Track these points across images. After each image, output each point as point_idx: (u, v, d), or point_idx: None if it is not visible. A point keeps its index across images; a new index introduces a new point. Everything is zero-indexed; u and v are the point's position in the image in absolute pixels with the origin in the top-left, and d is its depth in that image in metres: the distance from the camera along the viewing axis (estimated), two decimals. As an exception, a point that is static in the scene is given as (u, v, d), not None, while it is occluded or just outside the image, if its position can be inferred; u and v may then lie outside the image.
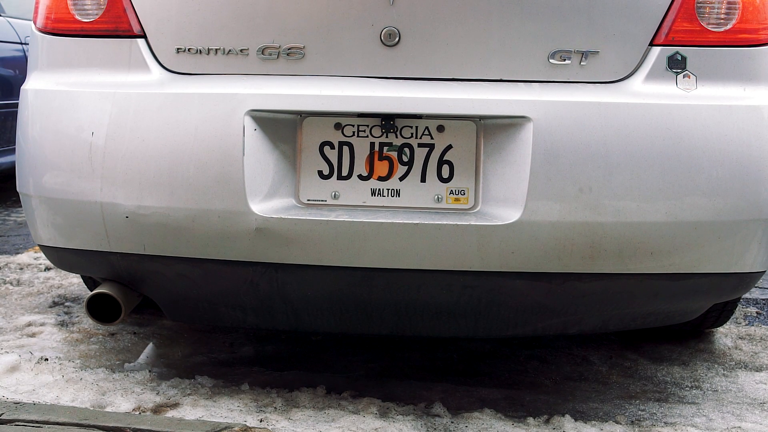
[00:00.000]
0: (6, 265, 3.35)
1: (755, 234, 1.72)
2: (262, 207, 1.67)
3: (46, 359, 2.27)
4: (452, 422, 1.92)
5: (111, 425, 1.78)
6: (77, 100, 1.78)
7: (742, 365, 2.44)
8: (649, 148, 1.64)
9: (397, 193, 1.72)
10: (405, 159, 1.72)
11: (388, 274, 1.70)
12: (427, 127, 1.71)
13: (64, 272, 3.28)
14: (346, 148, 1.71)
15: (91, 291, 1.96)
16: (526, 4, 1.66)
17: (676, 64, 1.69)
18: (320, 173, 1.72)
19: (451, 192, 1.71)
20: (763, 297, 3.07)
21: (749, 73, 1.71)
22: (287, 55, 1.71)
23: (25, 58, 4.55)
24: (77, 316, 2.81)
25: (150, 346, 2.41)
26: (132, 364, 2.35)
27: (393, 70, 1.70)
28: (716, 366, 2.43)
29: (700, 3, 1.69)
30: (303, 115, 1.71)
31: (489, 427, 1.91)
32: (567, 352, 2.55)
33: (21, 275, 3.24)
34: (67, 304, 2.95)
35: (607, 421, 1.98)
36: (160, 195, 1.69)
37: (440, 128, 1.71)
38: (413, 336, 2.38)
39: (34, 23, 1.89)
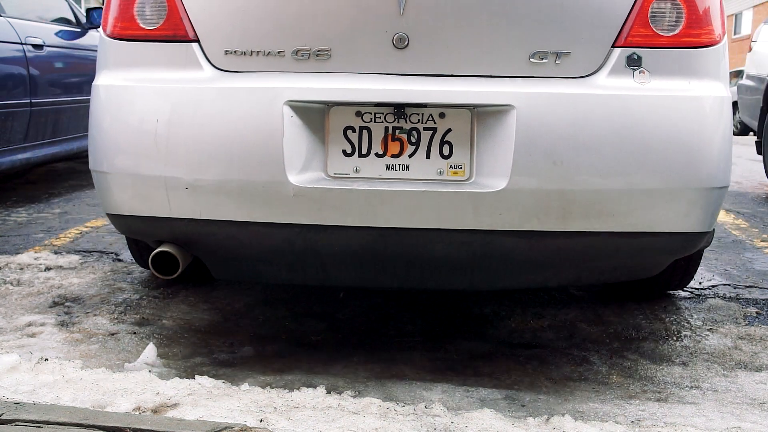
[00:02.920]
0: (6, 265, 3.35)
1: (696, 200, 2.07)
2: (298, 178, 2.03)
3: (46, 359, 2.27)
4: (452, 422, 1.92)
5: (111, 425, 1.78)
6: (142, 93, 2.13)
7: (742, 365, 2.44)
8: (609, 130, 1.99)
9: (407, 167, 2.07)
10: (413, 140, 2.07)
11: (400, 232, 2.06)
12: (431, 114, 2.06)
13: (64, 272, 3.28)
14: (365, 132, 2.08)
15: (138, 259, 2.83)
16: (511, 15, 2.02)
17: (633, 63, 2.05)
18: (344, 152, 2.08)
19: (451, 166, 2.07)
20: (763, 297, 3.07)
21: (692, 70, 2.07)
22: (316, 55, 2.07)
23: (25, 58, 4.55)
24: (77, 316, 2.81)
25: (150, 346, 2.41)
26: (132, 364, 2.35)
27: (403, 68, 2.05)
28: (716, 366, 2.43)
29: (653, 12, 2.04)
30: (330, 104, 2.06)
31: (489, 427, 1.91)
32: (567, 352, 2.55)
33: (21, 275, 3.24)
34: (67, 304, 2.95)
35: (607, 421, 1.98)
36: (214, 170, 2.05)
37: (441, 115, 2.06)
38: (420, 289, 2.84)
39: (104, 30, 2.24)
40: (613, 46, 2.05)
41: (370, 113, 2.08)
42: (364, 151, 2.08)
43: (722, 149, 2.09)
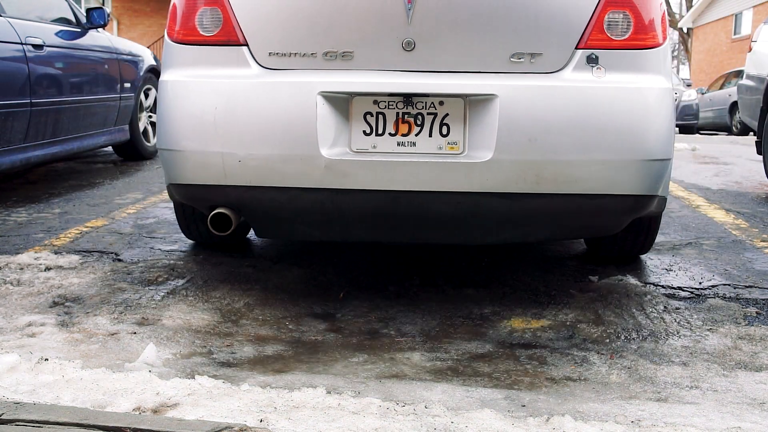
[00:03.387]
0: (6, 265, 3.35)
1: (641, 169, 2.58)
2: (328, 152, 2.53)
3: (46, 359, 2.27)
4: (452, 422, 1.92)
5: (111, 425, 1.78)
6: (202, 87, 2.61)
7: (742, 365, 2.44)
8: (573, 114, 2.50)
9: (414, 144, 2.57)
10: (418, 122, 2.56)
11: (409, 195, 2.56)
12: (432, 102, 2.56)
13: (64, 272, 3.28)
14: (380, 116, 2.57)
15: (185, 229, 3.49)
16: (495, 24, 2.52)
17: (592, 61, 2.55)
18: (364, 132, 2.57)
19: (449, 143, 2.56)
20: (763, 297, 3.07)
21: (639, 67, 2.56)
22: (342, 56, 2.56)
23: (25, 58, 4.55)
24: (77, 316, 2.81)
25: (150, 346, 2.41)
26: (132, 364, 2.35)
27: (410, 66, 2.55)
28: (716, 366, 2.43)
29: (608, 21, 2.54)
30: (353, 95, 2.56)
31: (489, 427, 1.91)
32: (567, 352, 2.55)
33: (21, 275, 3.24)
34: (67, 304, 2.95)
35: (607, 421, 1.98)
36: (261, 146, 2.55)
37: (441, 102, 2.56)
38: (424, 243, 3.44)
39: (170, 36, 2.70)
40: (576, 48, 2.55)
41: (385, 101, 2.57)
42: (380, 131, 2.57)
43: (662, 129, 2.59)
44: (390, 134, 2.57)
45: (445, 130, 2.55)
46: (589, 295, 3.09)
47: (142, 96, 6.44)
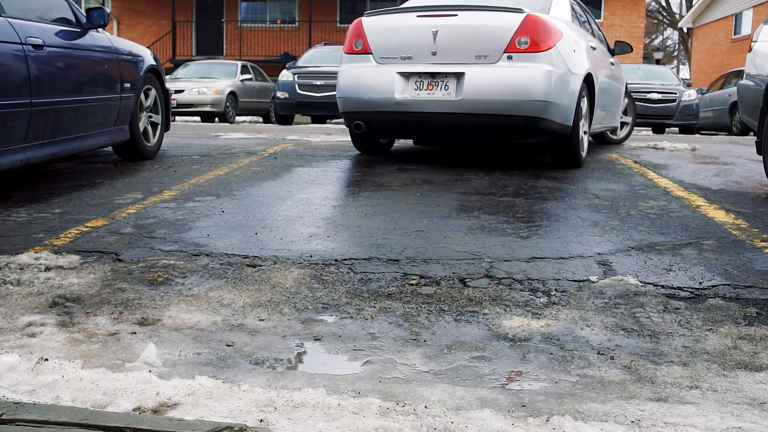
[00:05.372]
0: (6, 265, 3.35)
1: (528, 103, 5.50)
2: (398, 96, 5.73)
3: (46, 359, 2.27)
4: (452, 422, 1.92)
5: (111, 425, 1.78)
6: (355, 70, 5.96)
7: (742, 365, 2.44)
8: (499, 80, 5.50)
9: (434, 93, 5.65)
10: (436, 85, 5.66)
11: (431, 114, 5.70)
12: (442, 76, 5.70)
13: (64, 272, 3.28)
14: (420, 82, 5.72)
15: (355, 141, 6.92)
16: (469, 44, 5.61)
17: (510, 59, 5.59)
18: (414, 88, 5.75)
19: (447, 93, 5.63)
20: (763, 297, 3.07)
21: (532, 60, 5.50)
22: (407, 58, 5.79)
23: (26, 58, 4.55)
24: (77, 316, 2.81)
25: (150, 346, 2.41)
26: (132, 364, 2.35)
27: (434, 61, 5.72)
28: (716, 366, 2.43)
29: (517, 41, 5.48)
30: (410, 73, 5.75)
31: (489, 427, 1.91)
32: (567, 351, 2.55)
33: (21, 275, 3.24)
34: (67, 304, 2.95)
35: (607, 421, 1.98)
36: (373, 93, 5.84)
37: (445, 76, 5.67)
38: (439, 139, 7.51)
39: (344, 51, 6.09)
40: (503, 53, 5.54)
41: (423, 76, 5.72)
42: (421, 88, 5.70)
43: (541, 86, 5.44)
44: (424, 90, 5.72)
45: (446, 88, 5.67)
46: (588, 294, 3.09)
47: (142, 96, 6.44)
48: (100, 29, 5.81)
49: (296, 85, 14.73)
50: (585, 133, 6.22)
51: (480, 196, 4.96)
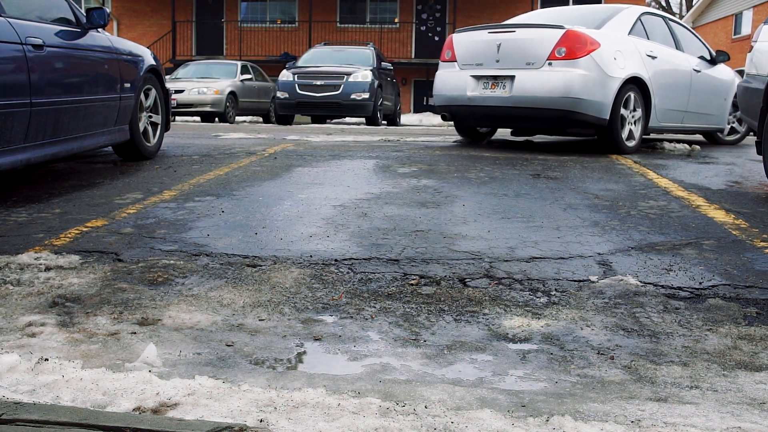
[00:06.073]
0: (6, 265, 3.35)
1: (565, 99, 7.04)
2: (469, 94, 7.46)
3: (46, 359, 2.27)
4: (452, 422, 1.92)
5: (111, 425, 1.78)
6: (445, 74, 7.80)
7: (742, 365, 2.44)
8: (542, 81, 7.02)
9: (494, 91, 7.30)
10: (497, 85, 7.31)
11: (493, 107, 7.38)
12: (502, 78, 7.30)
13: (64, 272, 3.28)
14: (487, 83, 7.38)
15: (460, 131, 8.83)
16: (522, 54, 7.22)
17: (551, 65, 7.06)
18: (482, 87, 7.41)
19: (504, 90, 7.25)
20: (763, 297, 3.07)
21: (570, 65, 6.93)
22: (479, 64, 7.46)
23: (26, 58, 4.55)
24: (77, 316, 2.81)
25: (150, 346, 2.41)
26: (132, 364, 2.35)
27: (497, 67, 7.34)
28: (716, 366, 2.43)
29: (556, 51, 6.97)
30: (480, 76, 7.43)
31: (489, 426, 1.91)
32: (567, 351, 2.55)
33: (21, 275, 3.24)
34: (67, 304, 2.95)
35: (607, 421, 1.98)
36: (453, 91, 7.66)
37: (503, 78, 7.28)
38: (501, 126, 8.65)
39: (440, 59, 7.98)
40: (546, 60, 7.03)
41: (489, 78, 7.37)
42: (487, 87, 7.35)
43: (575, 85, 6.90)
44: (489, 89, 7.29)
45: (504, 87, 7.18)
46: (588, 294, 3.09)
47: (142, 96, 6.44)
48: (100, 29, 5.81)
49: (296, 85, 14.73)
50: (632, 125, 7.46)
51: (481, 197, 4.96)
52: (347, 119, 18.37)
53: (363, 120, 16.83)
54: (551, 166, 6.44)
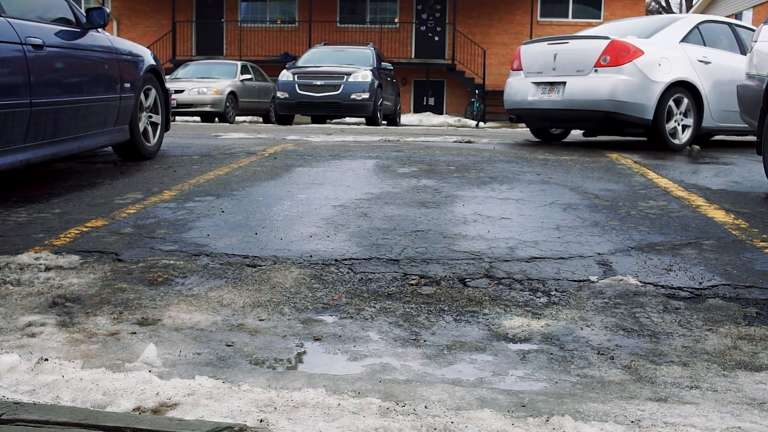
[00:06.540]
0: (6, 265, 3.35)
1: (607, 101, 7.79)
2: (530, 98, 8.38)
3: (46, 359, 2.27)
4: (452, 422, 1.92)
5: (111, 425, 1.78)
6: (514, 81, 8.73)
7: (742, 365, 2.44)
8: (589, 86, 7.83)
9: (551, 95, 8.17)
10: (553, 90, 8.18)
11: (549, 110, 8.27)
12: (556, 84, 8.14)
13: (64, 272, 3.28)
14: (545, 89, 8.29)
15: (534, 134, 9.71)
16: (573, 64, 8.08)
17: (597, 72, 7.77)
18: (541, 92, 8.32)
19: (557, 94, 8.10)
20: (763, 297, 3.07)
21: (612, 71, 7.72)
22: (539, 72, 8.37)
23: (25, 58, 4.55)
24: (77, 316, 2.81)
25: (150, 346, 2.41)
26: (132, 364, 2.35)
27: (553, 74, 8.23)
28: (716, 366, 2.43)
29: (602, 59, 7.87)
30: (539, 83, 8.36)
31: (489, 426, 1.91)
32: (567, 351, 2.55)
33: (21, 275, 3.24)
34: (67, 304, 2.95)
35: (607, 421, 1.98)
36: (514, 96, 8.74)
37: (557, 84, 8.14)
38: (555, 126, 9.23)
39: (510, 69, 9.08)
40: (593, 67, 7.80)
41: (546, 84, 8.24)
42: (544, 93, 8.24)
43: (619, 90, 7.66)
44: (546, 94, 8.18)
45: (558, 92, 8.03)
46: (588, 294, 3.09)
47: (142, 96, 6.44)
48: (100, 29, 5.81)
49: (296, 85, 14.73)
50: (680, 124, 8.02)
51: (480, 198, 4.96)
52: (347, 119, 18.36)
53: (363, 120, 16.83)
54: (551, 166, 6.45)
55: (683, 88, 7.86)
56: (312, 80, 14.72)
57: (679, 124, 7.96)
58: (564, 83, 8.00)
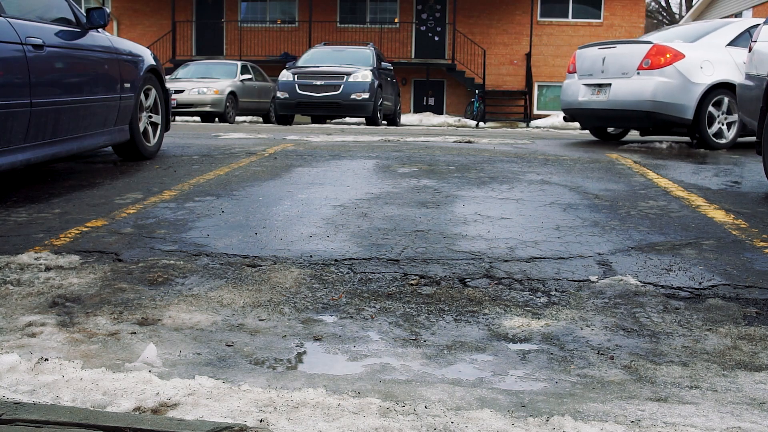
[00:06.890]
0: (6, 265, 3.35)
1: (648, 102, 8.31)
2: (580, 99, 9.04)
3: (46, 359, 2.27)
4: (452, 422, 1.92)
5: (111, 425, 1.78)
6: (568, 83, 9.41)
7: (742, 365, 2.44)
8: (632, 87, 8.45)
9: (599, 96, 8.75)
10: (600, 91, 8.76)
11: (597, 109, 8.88)
12: (603, 86, 8.72)
13: (64, 272, 3.28)
14: (592, 90, 8.89)
15: (589, 131, 10.25)
16: (619, 66, 8.63)
17: (640, 74, 8.31)
18: (590, 93, 8.91)
19: (603, 95, 8.69)
20: (763, 297, 3.07)
21: (656, 73, 8.21)
22: (590, 75, 8.97)
23: (25, 58, 4.55)
24: (77, 316, 2.81)
25: (150, 346, 2.41)
26: (132, 364, 2.35)
27: (601, 77, 8.79)
28: (716, 366, 2.43)
29: (643, 62, 8.30)
30: (588, 84, 8.96)
31: (489, 426, 1.91)
32: (567, 351, 2.55)
33: (21, 275, 3.24)
34: (67, 304, 2.95)
35: (607, 421, 1.98)
36: (569, 97, 9.27)
37: (603, 86, 8.72)
38: (600, 126, 9.76)
39: (567, 72, 9.67)
40: (636, 70, 8.32)
41: (594, 85, 8.81)
42: (593, 94, 8.81)
43: (660, 91, 8.17)
44: (594, 95, 8.76)
45: (605, 93, 8.58)
46: (588, 294, 3.09)
47: (142, 96, 6.44)
48: (100, 29, 5.81)
49: (296, 85, 14.73)
50: (722, 124, 8.33)
51: (480, 198, 4.96)
52: (347, 119, 18.36)
53: (363, 120, 16.83)
54: (551, 166, 6.45)
55: (727, 90, 8.15)
56: (312, 80, 14.72)
57: (723, 124, 8.28)
58: (610, 85, 8.56)
